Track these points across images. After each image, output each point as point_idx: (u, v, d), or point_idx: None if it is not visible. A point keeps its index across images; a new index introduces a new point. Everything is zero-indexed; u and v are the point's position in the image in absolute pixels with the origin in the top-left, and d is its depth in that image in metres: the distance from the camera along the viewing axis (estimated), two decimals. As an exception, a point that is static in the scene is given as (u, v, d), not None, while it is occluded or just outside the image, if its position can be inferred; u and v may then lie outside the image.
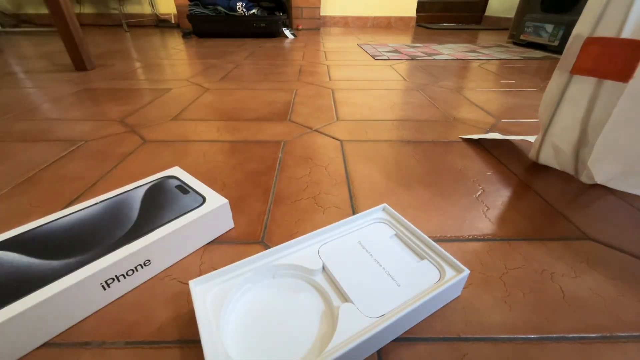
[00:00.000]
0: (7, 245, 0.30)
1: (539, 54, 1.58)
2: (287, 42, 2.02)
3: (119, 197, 0.38)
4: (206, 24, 2.10)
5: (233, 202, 0.43)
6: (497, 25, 2.91)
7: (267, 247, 0.36)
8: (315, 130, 0.67)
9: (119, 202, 0.37)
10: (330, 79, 1.10)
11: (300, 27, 2.76)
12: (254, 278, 0.29)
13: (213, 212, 0.35)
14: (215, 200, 0.37)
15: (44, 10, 2.68)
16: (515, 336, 0.27)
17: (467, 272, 0.29)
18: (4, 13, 2.53)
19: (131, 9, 2.71)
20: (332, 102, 0.86)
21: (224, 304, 0.26)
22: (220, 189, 0.46)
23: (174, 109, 0.80)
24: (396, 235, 0.35)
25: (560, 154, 0.50)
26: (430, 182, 0.49)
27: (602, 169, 0.46)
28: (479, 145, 0.62)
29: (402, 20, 3.00)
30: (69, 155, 0.56)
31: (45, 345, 0.26)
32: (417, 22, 3.04)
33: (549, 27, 1.61)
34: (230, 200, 0.44)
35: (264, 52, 1.66)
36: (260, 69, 1.26)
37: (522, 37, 1.78)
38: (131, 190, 0.39)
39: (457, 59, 1.44)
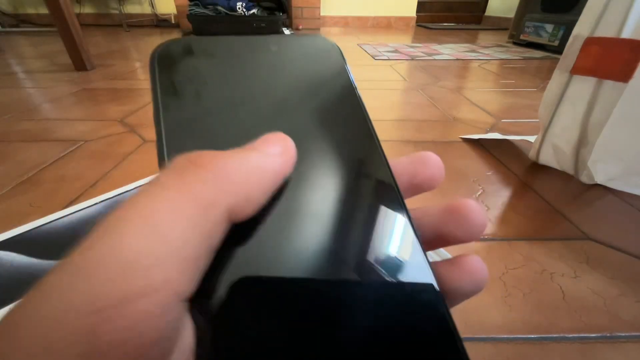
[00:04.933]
0: (7, 245, 0.30)
1: (539, 54, 1.58)
2: (287, 42, 2.02)
3: (119, 197, 0.38)
4: (206, 24, 2.10)
5: (233, 202, 0.43)
6: (497, 25, 2.91)
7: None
8: (315, 130, 0.67)
9: (119, 202, 0.37)
10: (330, 79, 1.10)
11: (301, 27, 2.76)
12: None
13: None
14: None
15: (44, 10, 2.68)
16: (515, 336, 0.27)
17: (467, 272, 0.29)
18: (4, 13, 2.53)
19: (131, 9, 2.71)
20: (332, 102, 0.86)
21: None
22: (220, 189, 0.46)
23: (174, 109, 0.80)
24: (396, 235, 0.35)
25: (560, 154, 0.50)
26: (430, 182, 0.49)
27: (602, 169, 0.46)
28: (479, 145, 0.62)
29: (402, 20, 3.00)
30: (69, 155, 0.56)
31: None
32: (417, 22, 3.04)
33: (549, 27, 1.61)
34: (230, 200, 0.44)
35: (264, 52, 1.65)
36: (260, 69, 1.25)
37: (522, 37, 1.78)
38: (131, 190, 0.39)
39: (457, 59, 1.44)
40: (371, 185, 0.10)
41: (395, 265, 0.09)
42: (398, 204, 0.10)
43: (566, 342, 0.26)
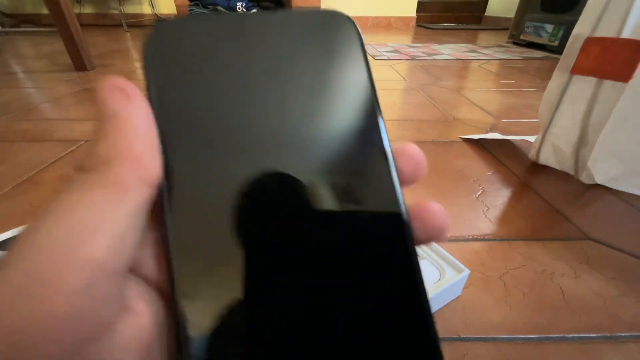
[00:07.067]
0: (7, 245, 0.30)
1: (539, 54, 1.58)
2: (287, 42, 2.02)
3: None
4: (206, 24, 2.10)
5: (233, 202, 0.43)
6: (497, 25, 2.91)
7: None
8: (315, 130, 0.67)
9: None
10: (330, 79, 1.10)
11: (300, 27, 2.76)
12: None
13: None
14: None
15: (44, 10, 2.68)
16: (515, 336, 0.27)
17: (467, 272, 0.29)
18: (4, 13, 2.53)
19: (131, 9, 2.71)
20: (332, 102, 0.86)
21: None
22: (220, 189, 0.46)
23: (174, 109, 0.80)
24: (396, 235, 0.35)
25: (560, 154, 0.50)
26: (430, 182, 0.49)
27: (602, 169, 0.46)
28: (479, 145, 0.62)
29: (402, 20, 3.00)
30: (69, 155, 0.56)
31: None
32: (417, 22, 3.03)
33: (549, 27, 1.61)
34: (230, 200, 0.44)
35: (264, 52, 1.65)
36: (260, 69, 1.25)
37: (522, 37, 1.78)
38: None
39: (457, 59, 1.44)
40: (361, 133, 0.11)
41: (366, 194, 0.10)
42: (382, 148, 0.11)
43: (566, 342, 0.26)
